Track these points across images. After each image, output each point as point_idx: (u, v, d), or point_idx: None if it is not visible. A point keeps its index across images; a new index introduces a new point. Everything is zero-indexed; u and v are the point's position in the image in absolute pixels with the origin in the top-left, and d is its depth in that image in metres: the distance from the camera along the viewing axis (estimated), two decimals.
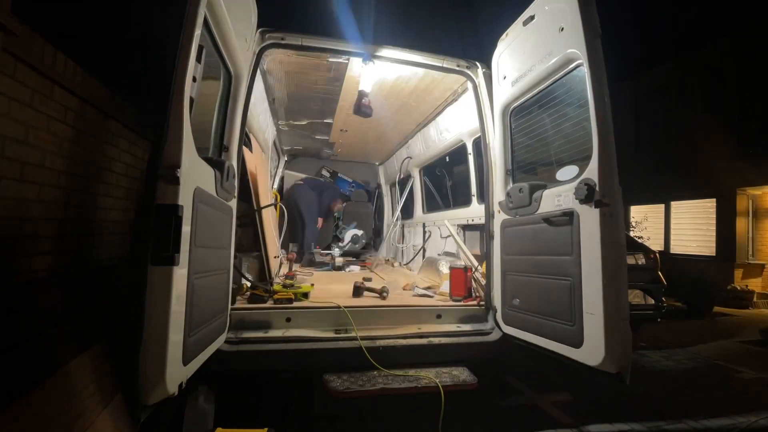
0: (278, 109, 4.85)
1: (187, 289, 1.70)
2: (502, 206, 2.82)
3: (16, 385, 1.54)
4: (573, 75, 2.28)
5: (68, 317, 2.07)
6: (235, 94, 2.60)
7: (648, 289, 5.14)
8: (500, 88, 2.89)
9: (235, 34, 2.25)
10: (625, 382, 1.92)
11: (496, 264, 2.86)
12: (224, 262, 2.32)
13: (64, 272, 2.19)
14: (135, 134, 3.00)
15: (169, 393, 1.59)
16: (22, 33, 1.72)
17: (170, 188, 1.58)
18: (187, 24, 1.69)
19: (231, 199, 2.40)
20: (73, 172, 2.27)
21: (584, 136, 2.17)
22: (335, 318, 2.72)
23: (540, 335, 2.38)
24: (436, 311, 2.96)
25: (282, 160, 6.73)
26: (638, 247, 5.51)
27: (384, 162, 7.44)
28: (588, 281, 2.01)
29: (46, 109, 2.00)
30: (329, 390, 2.28)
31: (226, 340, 2.38)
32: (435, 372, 2.50)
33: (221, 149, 2.55)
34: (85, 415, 1.80)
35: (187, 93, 1.66)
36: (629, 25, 10.99)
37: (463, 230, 4.50)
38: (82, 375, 1.92)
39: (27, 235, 1.92)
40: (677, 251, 10.08)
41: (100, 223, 2.63)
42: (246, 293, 2.98)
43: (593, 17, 2.09)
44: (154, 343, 1.53)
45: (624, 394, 3.28)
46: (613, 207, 1.96)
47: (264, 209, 3.68)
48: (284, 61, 3.48)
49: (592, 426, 2.78)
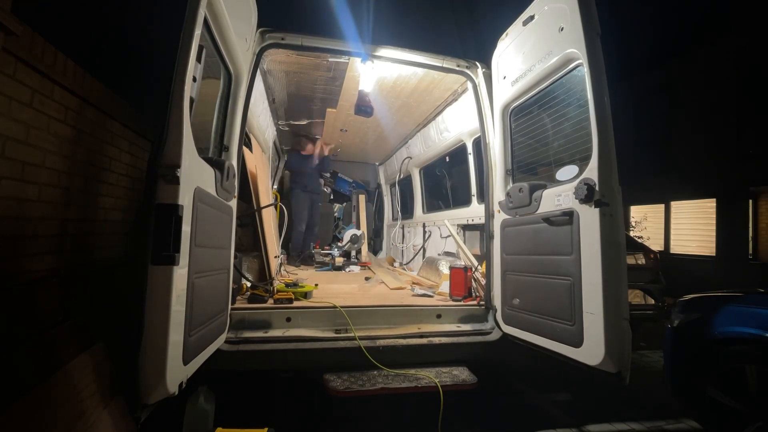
0: (278, 109, 4.86)
1: (187, 289, 1.70)
2: (502, 206, 2.82)
3: (17, 385, 1.55)
4: (573, 75, 2.28)
5: (68, 317, 2.07)
6: (235, 94, 2.60)
7: (648, 289, 5.14)
8: (500, 88, 2.89)
9: (235, 34, 2.25)
10: (624, 382, 1.92)
11: (496, 264, 2.86)
12: (224, 262, 2.32)
13: (64, 272, 2.19)
14: (135, 134, 3.00)
15: (169, 393, 1.59)
16: (22, 33, 1.72)
17: (170, 188, 1.58)
18: (187, 24, 1.70)
19: (231, 199, 2.40)
20: (73, 172, 2.27)
21: (584, 135, 2.17)
22: (335, 318, 2.72)
23: (540, 335, 2.38)
24: (436, 311, 2.96)
25: (282, 160, 6.73)
26: (638, 247, 5.50)
27: (384, 162, 7.44)
28: (588, 281, 2.01)
29: (46, 109, 2.00)
30: (329, 390, 2.28)
31: (226, 340, 2.38)
32: (435, 372, 2.50)
33: (221, 149, 2.55)
34: (85, 415, 1.80)
35: (187, 93, 1.66)
36: (629, 24, 10.98)
37: (463, 230, 4.50)
38: (82, 375, 1.92)
39: (27, 235, 1.92)
40: (677, 251, 10.08)
41: (100, 223, 2.63)
42: (246, 293, 2.98)
43: (593, 17, 2.09)
44: (154, 342, 1.53)
45: (624, 394, 3.28)
46: (613, 207, 1.96)
47: (264, 209, 3.68)
48: (284, 61, 3.48)
49: (592, 426, 2.77)
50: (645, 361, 4.44)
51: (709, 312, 2.44)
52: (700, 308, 2.57)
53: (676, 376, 2.60)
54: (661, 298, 5.15)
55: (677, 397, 2.62)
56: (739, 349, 2.24)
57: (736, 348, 2.26)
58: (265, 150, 4.69)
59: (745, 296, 2.47)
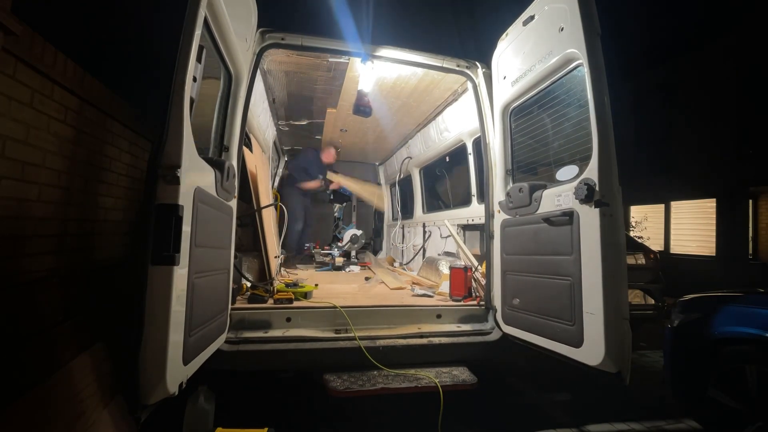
0: (278, 109, 4.86)
1: (188, 289, 1.70)
2: (502, 206, 2.82)
3: (17, 384, 1.55)
4: (573, 75, 2.28)
5: (68, 317, 2.07)
6: (235, 94, 2.60)
7: (648, 289, 5.14)
8: (500, 88, 2.89)
9: (235, 35, 2.25)
10: (624, 382, 1.92)
11: (496, 264, 2.86)
12: (224, 262, 2.32)
13: (64, 272, 2.19)
14: (135, 134, 3.00)
15: (169, 393, 1.59)
16: (22, 33, 1.72)
17: (170, 188, 1.58)
18: (187, 24, 1.70)
19: (231, 199, 2.40)
20: (73, 172, 2.27)
21: (584, 136, 2.17)
22: (335, 318, 2.71)
23: (540, 335, 2.38)
24: (436, 311, 2.96)
25: (282, 160, 6.73)
26: (638, 247, 5.50)
27: (384, 162, 7.44)
28: (588, 281, 2.01)
29: (46, 109, 2.00)
30: (329, 390, 2.28)
31: (227, 340, 2.38)
32: (435, 372, 2.50)
33: (221, 149, 2.55)
34: (85, 415, 1.80)
35: (188, 93, 1.66)
36: (629, 24, 10.98)
37: (463, 230, 4.50)
38: (82, 375, 1.92)
39: (27, 235, 1.92)
40: (677, 251, 10.08)
41: (100, 223, 2.63)
42: (246, 293, 2.98)
43: (593, 17, 2.09)
44: (154, 342, 1.53)
45: (624, 394, 3.28)
46: (613, 207, 1.96)
47: (264, 209, 3.68)
48: (284, 61, 3.48)
49: (592, 426, 2.78)
50: (645, 361, 4.44)
51: (709, 312, 2.44)
52: (700, 308, 2.57)
53: (676, 376, 2.60)
54: (661, 298, 5.15)
55: (677, 397, 2.62)
56: (739, 349, 2.24)
57: (736, 348, 2.26)
58: (265, 150, 4.69)
59: (745, 296, 2.47)
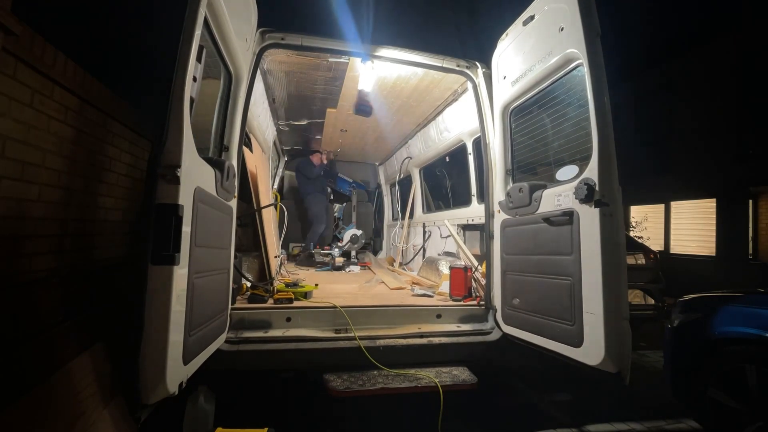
0: (278, 109, 4.86)
1: (188, 289, 1.70)
2: (502, 206, 2.82)
3: (17, 384, 1.55)
4: (573, 75, 2.28)
5: (68, 317, 2.07)
6: (235, 94, 2.60)
7: (648, 289, 5.14)
8: (500, 88, 2.89)
9: (235, 34, 2.25)
10: (624, 382, 1.92)
11: (496, 264, 2.86)
12: (224, 262, 2.32)
13: (64, 272, 2.19)
14: (135, 134, 3.00)
15: (169, 393, 1.59)
16: (22, 33, 1.72)
17: (170, 188, 1.58)
18: (187, 24, 1.70)
19: (231, 198, 2.40)
20: (73, 172, 2.26)
21: (584, 135, 2.17)
22: (335, 318, 2.72)
23: (540, 335, 2.38)
24: (436, 311, 2.96)
25: (282, 160, 6.73)
26: (638, 247, 5.50)
27: (384, 162, 7.44)
28: (588, 281, 2.01)
29: (46, 109, 2.00)
30: (329, 390, 2.28)
31: (227, 340, 2.38)
32: (435, 372, 2.50)
33: (221, 149, 2.55)
34: (85, 415, 1.80)
35: (188, 93, 1.66)
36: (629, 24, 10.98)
37: (463, 230, 4.50)
38: (82, 375, 1.92)
39: (27, 235, 1.92)
40: (677, 251, 10.07)
41: (100, 223, 2.63)
42: (246, 293, 2.98)
43: (593, 17, 2.09)
44: (154, 342, 1.53)
45: (624, 394, 3.28)
46: (613, 207, 1.97)
47: (264, 209, 3.68)
48: (284, 61, 3.48)
49: (592, 426, 2.77)
50: (645, 361, 4.44)
51: (709, 312, 2.44)
52: (700, 308, 2.57)
53: (676, 376, 2.60)
54: (661, 298, 5.15)
55: (677, 397, 2.62)
56: (739, 349, 2.24)
57: (736, 348, 2.26)
58: (265, 150, 4.70)
59: (745, 296, 2.47)
